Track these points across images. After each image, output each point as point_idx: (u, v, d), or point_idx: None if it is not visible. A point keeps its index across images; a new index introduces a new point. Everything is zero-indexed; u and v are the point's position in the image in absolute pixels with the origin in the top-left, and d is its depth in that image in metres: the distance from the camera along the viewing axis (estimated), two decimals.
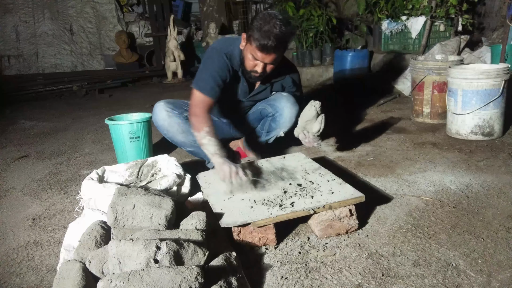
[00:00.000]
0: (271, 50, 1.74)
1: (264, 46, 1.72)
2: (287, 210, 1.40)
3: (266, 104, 2.13)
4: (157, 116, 2.03)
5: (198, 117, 1.79)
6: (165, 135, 2.08)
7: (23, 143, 3.00)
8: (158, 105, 2.05)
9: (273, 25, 1.70)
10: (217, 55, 1.90)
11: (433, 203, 1.66)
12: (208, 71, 1.88)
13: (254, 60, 1.81)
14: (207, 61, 1.92)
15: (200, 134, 1.73)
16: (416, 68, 2.90)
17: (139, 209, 1.25)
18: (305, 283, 1.19)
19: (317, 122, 1.88)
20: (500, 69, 2.36)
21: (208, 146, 1.69)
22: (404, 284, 1.16)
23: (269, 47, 1.72)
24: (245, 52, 1.85)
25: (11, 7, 6.54)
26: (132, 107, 4.06)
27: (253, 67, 1.84)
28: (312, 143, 1.94)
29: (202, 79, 1.87)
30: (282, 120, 2.07)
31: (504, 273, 1.19)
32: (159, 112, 2.03)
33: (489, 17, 4.28)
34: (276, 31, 1.70)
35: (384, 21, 4.20)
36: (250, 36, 1.76)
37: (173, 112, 2.02)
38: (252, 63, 1.83)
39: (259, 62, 1.81)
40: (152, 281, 0.96)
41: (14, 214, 1.80)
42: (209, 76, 1.87)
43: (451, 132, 2.54)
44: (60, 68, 6.73)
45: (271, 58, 1.78)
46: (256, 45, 1.74)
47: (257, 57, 1.78)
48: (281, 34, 1.71)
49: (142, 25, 6.93)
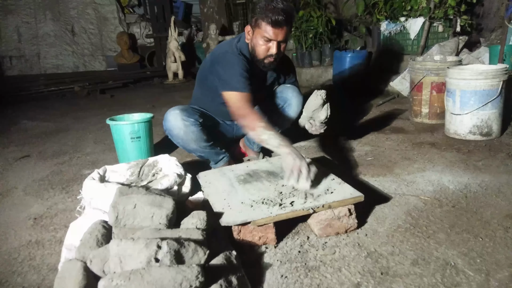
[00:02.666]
0: (283, 23, 1.77)
1: (276, 21, 1.75)
2: (286, 209, 1.41)
3: (273, 97, 2.15)
4: (172, 125, 1.93)
5: (248, 117, 1.73)
6: (178, 143, 2.00)
7: (25, 143, 3.01)
8: (173, 113, 1.93)
9: (276, 2, 1.77)
10: (233, 55, 1.89)
11: (432, 202, 1.67)
12: (233, 70, 1.85)
13: (266, 43, 1.82)
14: (227, 64, 1.87)
15: (257, 132, 1.66)
16: (414, 68, 2.91)
17: (140, 208, 1.26)
18: (305, 282, 1.20)
19: (324, 110, 1.95)
20: (498, 70, 2.37)
21: (270, 140, 1.63)
22: (403, 283, 1.17)
23: (280, 21, 1.76)
24: (254, 41, 1.86)
25: (13, 8, 6.55)
26: (133, 108, 4.06)
27: (267, 51, 1.84)
28: (319, 130, 2.00)
29: (232, 80, 1.83)
30: (291, 110, 2.10)
31: (503, 272, 1.20)
32: (174, 121, 1.92)
33: (488, 18, 4.29)
34: (281, 6, 1.76)
35: (383, 22, 4.21)
36: (257, 19, 1.79)
37: (189, 121, 1.93)
38: (265, 47, 1.83)
39: (272, 43, 1.82)
40: (153, 280, 0.97)
41: (16, 213, 1.81)
42: (237, 75, 1.83)
43: (450, 132, 2.55)
44: (62, 69, 6.74)
45: (283, 33, 1.81)
46: (267, 22, 1.77)
47: (270, 36, 1.79)
48: (287, 8, 1.78)
49: (143, 26, 6.95)
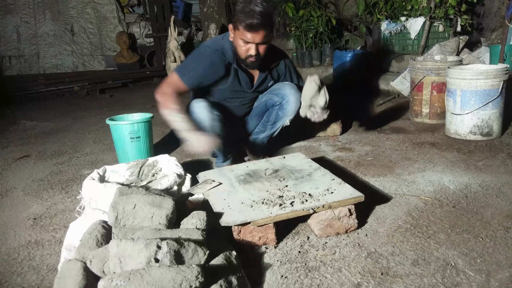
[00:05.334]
0: (258, 27, 1.76)
1: (251, 25, 1.75)
2: (287, 210, 1.40)
3: (271, 94, 2.15)
4: (198, 117, 1.94)
5: (168, 96, 1.84)
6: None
7: (24, 143, 3.01)
8: (200, 105, 1.95)
9: (254, 4, 1.75)
10: (210, 52, 1.94)
11: (432, 202, 1.67)
12: (194, 63, 1.92)
13: (245, 44, 1.84)
14: (198, 55, 1.95)
15: (170, 112, 1.79)
16: (415, 68, 2.90)
17: (139, 208, 1.26)
18: (305, 282, 1.19)
19: (322, 95, 1.91)
20: (499, 70, 2.37)
21: (180, 123, 1.76)
22: (403, 283, 1.17)
23: (255, 25, 1.75)
24: (235, 41, 1.88)
25: (12, 7, 6.54)
26: (133, 107, 4.06)
27: (247, 52, 1.86)
28: (322, 116, 1.96)
29: (186, 67, 1.92)
30: (289, 107, 2.09)
31: (503, 273, 1.20)
32: (200, 113, 1.94)
33: (488, 17, 4.29)
34: (259, 9, 1.74)
35: (383, 21, 4.20)
36: (236, 21, 1.80)
37: (214, 114, 1.97)
38: (245, 48, 1.85)
39: (251, 45, 1.83)
40: (152, 280, 0.97)
41: (15, 213, 1.81)
42: (193, 67, 1.91)
43: (450, 132, 2.55)
44: (61, 69, 6.73)
45: (260, 36, 1.80)
46: (243, 26, 1.77)
47: (247, 39, 1.81)
48: (264, 10, 1.75)
49: (142, 25, 6.94)
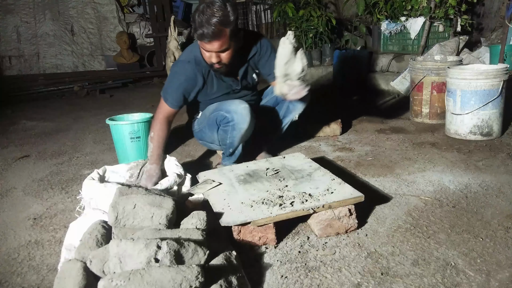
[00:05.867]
0: (210, 37, 1.71)
1: (202, 36, 1.72)
2: (287, 210, 1.40)
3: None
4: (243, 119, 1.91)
5: (155, 121, 1.91)
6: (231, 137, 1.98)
7: (24, 143, 3.01)
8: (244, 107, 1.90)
9: (206, 14, 1.69)
10: (182, 66, 1.95)
11: (432, 202, 1.67)
12: (173, 83, 1.94)
13: (206, 52, 1.83)
14: (173, 75, 1.97)
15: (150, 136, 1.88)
16: (415, 68, 2.90)
17: (139, 208, 1.26)
18: (305, 282, 1.19)
19: (298, 59, 1.61)
20: (499, 70, 2.37)
21: (149, 150, 1.84)
22: (403, 283, 1.17)
23: (206, 35, 1.70)
24: (199, 49, 1.88)
25: (12, 7, 6.53)
26: (133, 107, 4.06)
27: (210, 60, 1.84)
28: (301, 90, 1.72)
29: (166, 89, 1.95)
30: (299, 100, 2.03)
31: (503, 273, 1.20)
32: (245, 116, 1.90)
33: (488, 17, 4.29)
34: (210, 19, 1.67)
35: (383, 21, 4.20)
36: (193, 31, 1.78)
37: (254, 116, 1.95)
38: (207, 55, 1.84)
39: (210, 53, 1.81)
40: (152, 280, 0.97)
41: (15, 213, 1.81)
42: (173, 88, 1.93)
43: (450, 132, 2.55)
44: (61, 69, 6.72)
45: (217, 45, 1.75)
46: (197, 37, 1.76)
47: (205, 48, 1.80)
48: (215, 20, 1.68)
49: (142, 25, 6.93)
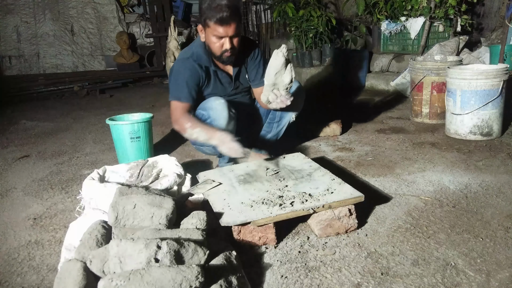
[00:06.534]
0: (229, 20, 1.80)
1: (221, 19, 1.79)
2: (287, 210, 1.40)
3: None
4: (218, 114, 1.90)
5: (178, 121, 1.88)
6: None
7: (24, 143, 3.01)
8: (220, 102, 1.91)
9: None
10: (183, 64, 1.97)
11: (432, 202, 1.67)
12: (179, 80, 1.95)
13: (218, 40, 1.86)
14: (176, 73, 1.98)
15: (188, 132, 1.83)
16: (415, 68, 2.90)
17: (139, 208, 1.26)
18: (305, 282, 1.20)
19: (288, 71, 1.70)
20: (499, 70, 2.37)
21: (200, 136, 1.79)
22: (403, 283, 1.17)
23: (226, 18, 1.78)
24: (207, 40, 1.91)
25: (12, 7, 6.53)
26: (133, 107, 4.06)
27: (221, 48, 1.88)
28: (286, 100, 1.78)
29: (176, 89, 1.95)
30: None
31: (503, 273, 1.20)
32: (221, 110, 1.90)
33: (488, 17, 4.29)
34: (225, 2, 1.77)
35: (383, 21, 4.20)
36: (205, 20, 1.83)
37: (232, 112, 1.94)
38: (218, 44, 1.87)
39: (225, 39, 1.85)
40: (152, 280, 0.97)
41: (15, 213, 1.81)
42: (181, 84, 1.93)
43: (450, 132, 2.55)
44: (61, 69, 6.72)
45: (232, 28, 1.83)
46: (214, 22, 1.80)
47: (220, 33, 1.83)
48: (230, 3, 1.78)
49: (142, 25, 6.93)
